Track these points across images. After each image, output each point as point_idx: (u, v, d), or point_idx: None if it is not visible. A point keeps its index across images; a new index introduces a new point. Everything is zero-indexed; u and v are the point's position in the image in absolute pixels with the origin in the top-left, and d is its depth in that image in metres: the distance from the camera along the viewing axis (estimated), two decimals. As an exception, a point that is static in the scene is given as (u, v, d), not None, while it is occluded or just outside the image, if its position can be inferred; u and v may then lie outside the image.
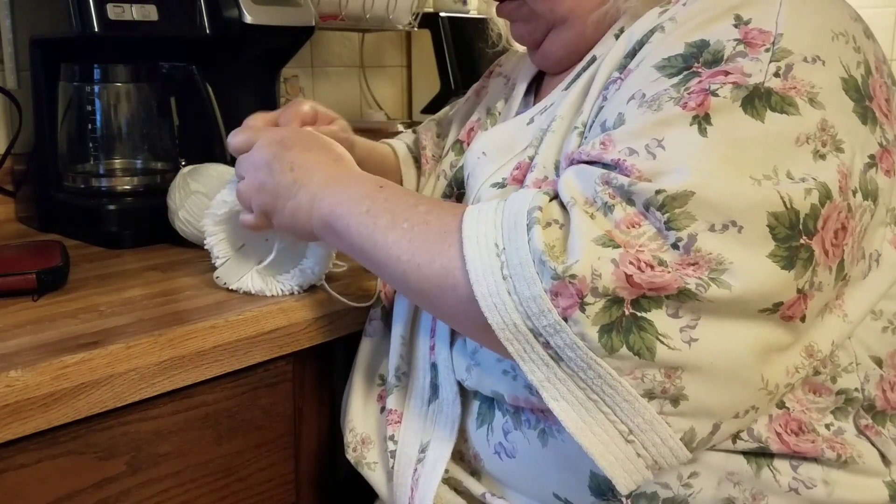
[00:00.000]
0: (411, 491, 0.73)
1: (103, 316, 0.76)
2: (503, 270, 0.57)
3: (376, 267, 0.68)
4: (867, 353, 0.66)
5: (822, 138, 0.58)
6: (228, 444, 0.81)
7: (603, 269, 0.54)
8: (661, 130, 0.58)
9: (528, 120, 0.77)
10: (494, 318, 0.57)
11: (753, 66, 0.59)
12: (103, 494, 0.72)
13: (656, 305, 0.54)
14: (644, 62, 0.64)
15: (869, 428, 0.66)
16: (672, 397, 0.55)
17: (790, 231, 0.55)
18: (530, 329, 0.56)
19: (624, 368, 0.55)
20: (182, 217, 0.98)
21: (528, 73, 0.89)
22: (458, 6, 1.78)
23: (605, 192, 0.57)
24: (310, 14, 1.18)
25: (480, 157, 0.76)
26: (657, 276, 0.54)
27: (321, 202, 0.72)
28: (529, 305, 0.56)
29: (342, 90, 1.71)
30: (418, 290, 0.64)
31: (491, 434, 0.72)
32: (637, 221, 0.56)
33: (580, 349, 0.55)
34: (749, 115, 0.57)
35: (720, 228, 0.54)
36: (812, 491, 0.64)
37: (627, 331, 0.54)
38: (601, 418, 0.56)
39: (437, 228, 0.63)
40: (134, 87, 1.10)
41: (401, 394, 0.79)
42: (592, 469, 0.65)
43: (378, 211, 0.67)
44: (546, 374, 0.57)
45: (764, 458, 0.64)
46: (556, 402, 0.57)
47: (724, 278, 0.54)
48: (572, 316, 0.54)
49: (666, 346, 0.54)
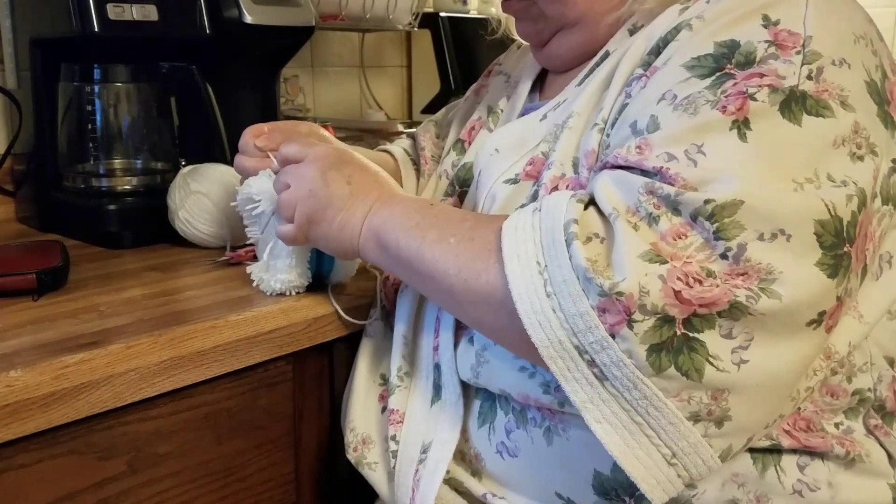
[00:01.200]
0: (412, 491, 0.73)
1: (103, 316, 0.76)
2: (546, 288, 0.57)
3: (422, 280, 0.68)
4: (882, 353, 0.66)
5: (856, 140, 0.58)
6: (228, 444, 0.81)
7: (651, 286, 0.53)
8: (701, 135, 0.57)
9: (541, 116, 0.77)
10: (539, 336, 0.57)
11: (787, 68, 0.58)
12: (103, 494, 0.72)
13: (709, 325, 0.53)
14: (672, 60, 0.63)
15: (878, 428, 0.66)
16: (717, 419, 0.55)
17: (836, 239, 0.55)
18: (576, 346, 0.56)
19: (671, 389, 0.54)
20: (182, 217, 0.98)
21: (531, 70, 0.88)
22: (458, 6, 1.78)
23: (650, 201, 0.56)
24: (310, 14, 1.18)
25: (493, 154, 0.76)
26: (706, 290, 0.53)
27: (374, 216, 0.72)
28: (576, 322, 0.55)
29: (342, 90, 1.71)
30: (467, 303, 0.64)
31: (493, 433, 0.72)
32: (684, 232, 0.55)
33: (626, 367, 0.54)
34: (787, 119, 0.57)
35: (769, 237, 0.54)
36: (816, 494, 0.64)
37: (678, 351, 0.53)
38: (645, 442, 0.56)
39: (481, 245, 0.63)
40: (134, 87, 1.10)
41: (403, 394, 0.78)
42: (596, 468, 0.65)
43: (427, 225, 0.68)
44: (589, 395, 0.56)
45: (771, 458, 0.64)
46: (598, 425, 0.56)
47: (773, 288, 0.53)
48: (620, 332, 0.54)
49: (714, 368, 0.54)
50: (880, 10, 1.95)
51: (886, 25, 1.98)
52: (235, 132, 0.92)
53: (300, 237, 0.76)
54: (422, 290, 0.72)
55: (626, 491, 0.64)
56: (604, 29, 0.76)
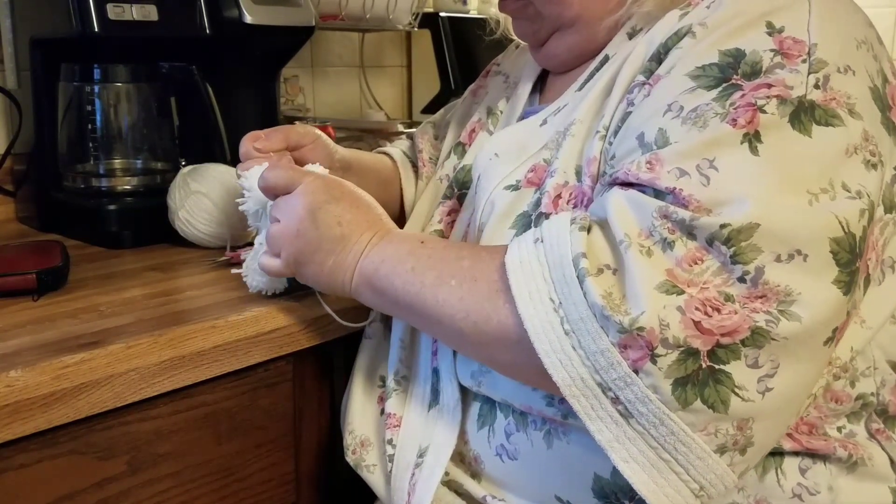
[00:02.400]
0: (408, 495, 0.73)
1: (103, 316, 0.76)
2: (564, 325, 0.56)
3: (428, 324, 0.68)
4: (884, 357, 0.66)
5: (868, 148, 0.58)
6: (228, 444, 0.81)
7: (670, 319, 0.52)
8: (712, 150, 0.57)
9: (541, 121, 0.76)
10: (560, 375, 0.56)
11: (794, 78, 0.58)
12: (103, 494, 0.72)
13: (735, 356, 0.53)
14: (676, 69, 0.63)
15: (880, 432, 0.66)
16: (741, 448, 0.55)
17: (850, 255, 0.55)
18: (598, 384, 0.55)
19: (697, 424, 0.54)
20: (182, 217, 0.98)
21: (531, 71, 0.87)
22: (458, 6, 1.78)
23: (664, 226, 0.56)
24: (310, 14, 1.18)
25: (493, 159, 0.75)
26: (726, 318, 0.52)
27: (365, 261, 0.71)
28: (597, 359, 0.55)
29: (342, 90, 1.71)
30: (479, 344, 0.63)
31: (492, 436, 0.72)
32: (700, 257, 0.54)
33: (652, 403, 0.53)
34: (798, 130, 0.56)
35: (786, 258, 0.53)
36: (816, 497, 0.64)
37: (703, 384, 0.53)
38: (674, 479, 0.55)
39: (486, 286, 0.62)
40: (134, 87, 1.10)
41: (400, 398, 0.78)
42: (596, 471, 0.65)
43: (422, 269, 0.66)
44: (615, 434, 0.56)
45: (772, 461, 0.64)
46: (625, 464, 0.56)
47: (793, 310, 0.53)
48: (643, 368, 0.53)
49: (740, 399, 0.53)
50: (880, 10, 1.95)
51: (886, 26, 1.98)
52: (235, 132, 0.92)
53: (287, 273, 0.76)
54: (428, 332, 0.71)
55: (626, 495, 0.64)
56: (602, 31, 0.75)
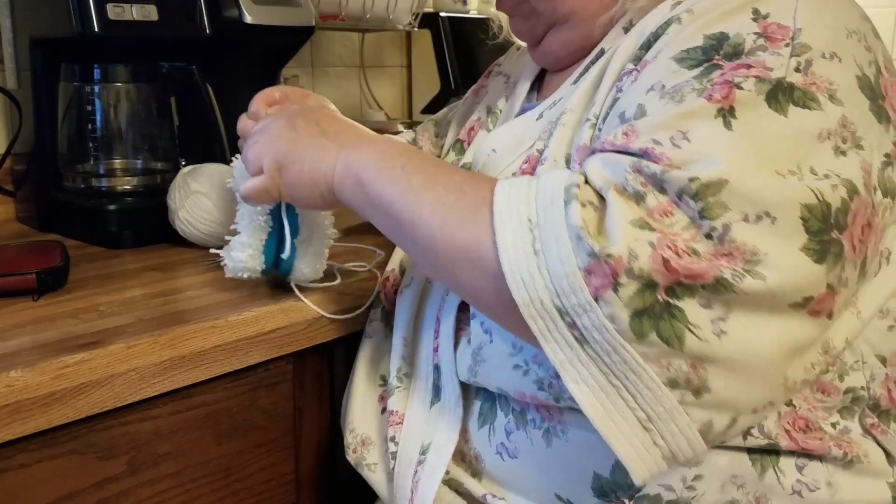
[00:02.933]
0: (411, 493, 0.73)
1: (103, 316, 0.76)
2: (535, 245, 0.56)
3: (400, 227, 0.66)
4: (873, 351, 0.66)
5: (842, 135, 0.58)
6: (228, 444, 0.81)
7: (640, 251, 0.53)
8: (686, 122, 0.57)
9: (537, 115, 0.77)
10: (521, 294, 0.56)
11: (775, 60, 0.59)
12: (103, 494, 0.72)
13: (689, 294, 0.53)
14: (662, 53, 0.64)
15: (875, 427, 0.66)
16: (695, 388, 0.55)
17: (822, 224, 0.55)
18: (557, 307, 0.55)
19: (650, 355, 0.54)
20: (182, 217, 0.98)
21: (530, 70, 0.88)
22: (458, 6, 1.78)
23: (637, 180, 0.56)
24: (310, 14, 1.18)
25: (491, 154, 0.76)
26: (694, 262, 0.53)
27: (350, 154, 0.69)
28: (560, 283, 0.55)
29: (342, 90, 1.71)
30: (444, 255, 0.62)
31: (493, 434, 0.72)
32: (670, 210, 0.55)
33: (608, 332, 0.54)
34: (773, 109, 0.57)
35: (754, 219, 0.54)
36: (815, 494, 0.64)
37: (659, 317, 0.53)
38: (621, 405, 0.56)
39: (473, 198, 0.62)
40: (134, 87, 1.10)
41: (402, 395, 0.78)
42: (596, 470, 0.65)
43: (414, 170, 0.66)
44: (568, 356, 0.56)
45: (769, 459, 0.64)
46: (576, 385, 0.56)
47: (758, 269, 0.53)
48: (604, 296, 0.53)
49: (695, 337, 0.53)
50: (880, 10, 1.95)
51: (886, 25, 1.98)
52: (235, 132, 0.92)
53: (271, 186, 0.73)
54: (396, 237, 0.69)
55: (626, 493, 0.64)
56: (597, 28, 0.76)
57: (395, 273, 0.86)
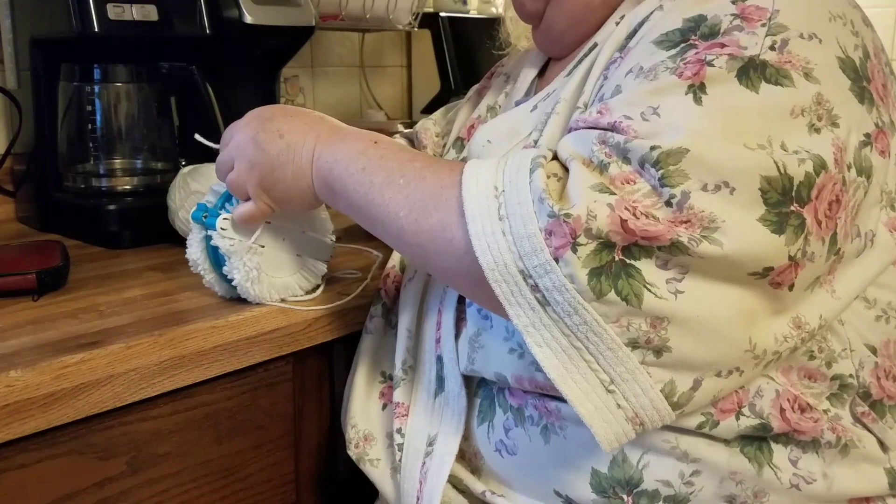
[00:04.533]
0: (420, 484, 0.73)
1: (103, 316, 0.76)
2: (500, 211, 0.58)
3: (373, 224, 0.69)
4: (861, 340, 0.66)
5: (817, 112, 0.59)
6: (228, 444, 0.81)
7: (598, 211, 0.54)
8: (657, 98, 0.59)
9: (531, 107, 0.78)
10: (486, 258, 0.57)
11: (749, 39, 0.59)
12: (103, 494, 0.72)
13: (646, 255, 0.54)
14: (643, 39, 0.65)
15: (866, 415, 0.66)
16: (655, 348, 0.56)
17: (781, 197, 0.55)
18: (520, 270, 0.56)
19: (610, 314, 0.55)
20: (182, 217, 0.98)
21: (529, 68, 0.89)
22: (458, 6, 1.78)
23: (602, 150, 0.58)
24: (310, 14, 1.18)
25: (485, 145, 0.77)
26: (651, 224, 0.54)
27: (318, 161, 0.72)
28: (523, 244, 0.56)
29: (342, 90, 1.71)
30: (415, 244, 0.64)
31: (492, 431, 0.72)
32: (632, 178, 0.56)
33: (568, 292, 0.55)
34: (744, 85, 0.58)
35: (712, 188, 0.55)
36: (812, 486, 0.64)
37: (616, 276, 0.54)
38: (583, 366, 0.56)
39: (434, 183, 0.63)
40: (134, 87, 1.10)
41: (408, 387, 0.79)
42: (594, 466, 0.66)
43: (374, 168, 0.68)
44: (531, 319, 0.57)
45: (764, 456, 0.64)
46: (539, 348, 0.57)
47: (715, 236, 0.54)
48: (563, 256, 0.54)
49: (653, 295, 0.54)
50: (880, 10, 1.95)
51: (886, 25, 1.98)
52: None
53: (264, 207, 0.76)
54: (376, 234, 0.71)
55: (624, 489, 0.65)
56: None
57: (396, 270, 0.86)
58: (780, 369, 0.64)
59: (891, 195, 0.65)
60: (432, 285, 0.80)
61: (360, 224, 0.71)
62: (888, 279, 0.66)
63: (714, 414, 0.62)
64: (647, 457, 0.64)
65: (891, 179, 0.65)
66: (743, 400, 0.63)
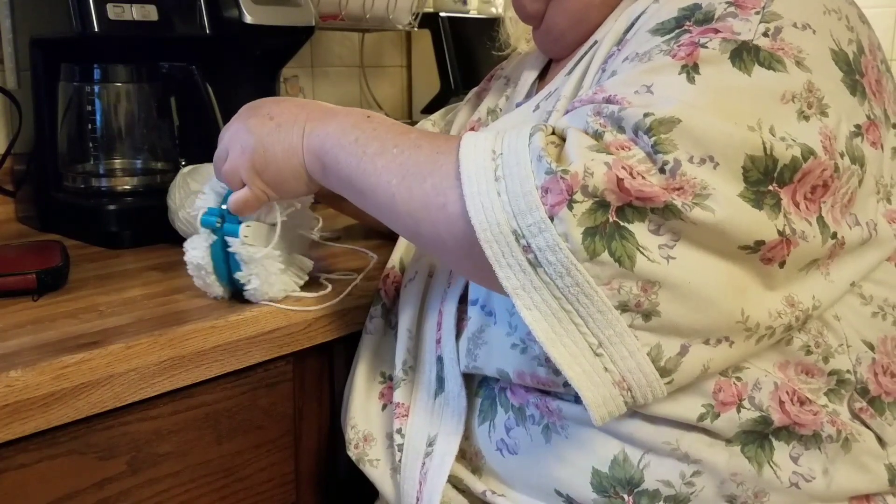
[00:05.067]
0: (419, 485, 0.73)
1: (103, 316, 0.76)
2: (497, 172, 0.58)
3: (364, 196, 0.68)
4: (858, 336, 0.66)
5: (808, 99, 0.59)
6: (228, 444, 0.81)
7: (595, 169, 0.54)
8: (650, 77, 0.59)
9: (533, 106, 0.78)
10: (479, 218, 0.57)
11: (743, 25, 0.60)
12: (103, 494, 0.72)
13: (639, 218, 0.55)
14: (640, 30, 0.66)
15: (864, 411, 0.66)
16: (644, 312, 0.56)
17: (762, 176, 0.56)
18: (513, 230, 0.56)
19: (602, 276, 0.55)
20: (182, 217, 0.98)
21: (530, 69, 0.89)
22: (458, 6, 1.78)
23: (597, 121, 0.58)
24: (310, 14, 1.18)
25: None
26: (647, 185, 0.54)
27: (310, 137, 0.72)
28: (518, 202, 0.56)
29: (342, 90, 1.71)
30: (406, 212, 0.64)
31: (493, 431, 0.72)
32: (627, 145, 0.56)
33: (561, 251, 0.55)
34: (737, 67, 0.59)
35: (698, 161, 0.55)
36: (812, 484, 0.64)
37: (610, 237, 0.54)
38: (572, 329, 0.56)
39: (430, 150, 0.64)
40: (134, 87, 1.10)
41: (408, 387, 0.79)
42: (595, 465, 0.66)
43: (367, 139, 0.68)
44: (521, 281, 0.57)
45: (764, 455, 0.64)
46: (528, 311, 0.57)
47: (707, 203, 0.55)
48: (559, 214, 0.54)
49: (646, 258, 0.55)
50: (880, 10, 1.95)
51: (886, 25, 1.98)
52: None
53: (258, 192, 0.75)
54: (366, 208, 0.71)
55: (625, 488, 0.65)
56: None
57: (396, 270, 0.86)
58: (777, 365, 0.64)
59: (886, 188, 0.66)
60: (433, 286, 0.80)
61: (352, 199, 0.71)
62: (885, 276, 0.67)
63: (714, 406, 0.62)
64: (647, 457, 0.64)
65: (886, 172, 0.65)
66: (742, 392, 0.63)
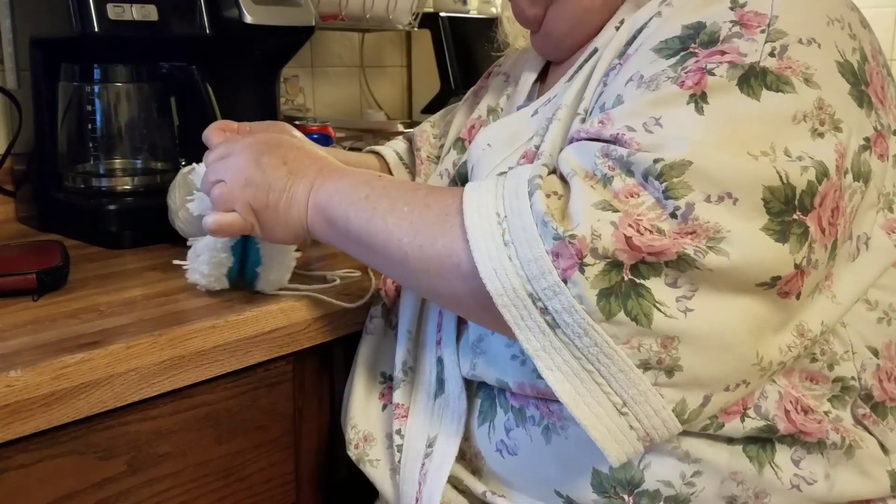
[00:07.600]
0: (419, 485, 0.73)
1: (103, 316, 0.76)
2: (504, 237, 0.58)
3: (374, 252, 0.68)
4: (863, 342, 0.66)
5: (819, 117, 0.59)
6: (228, 444, 0.81)
7: (603, 231, 0.54)
8: (659, 109, 0.59)
9: (532, 112, 0.78)
10: (493, 284, 0.57)
11: (749, 46, 0.59)
12: (103, 494, 0.72)
13: (655, 273, 0.54)
14: (642, 46, 0.65)
15: (867, 417, 0.66)
16: (667, 368, 0.55)
17: (784, 206, 0.56)
18: (529, 294, 0.56)
19: (620, 336, 0.55)
20: (182, 217, 0.98)
21: (530, 71, 0.89)
22: (458, 6, 1.78)
23: (605, 164, 0.58)
24: (310, 14, 1.18)
25: (485, 149, 0.77)
26: (656, 239, 0.54)
27: (318, 192, 0.72)
28: (530, 268, 0.56)
29: (342, 90, 1.71)
30: (420, 270, 0.64)
31: (493, 432, 0.72)
32: (636, 192, 0.56)
33: (577, 313, 0.55)
34: (745, 93, 0.58)
35: (716, 200, 0.55)
36: (813, 487, 0.64)
37: (626, 296, 0.54)
38: (595, 389, 0.56)
39: (439, 211, 0.64)
40: (134, 87, 1.10)
41: (407, 388, 0.79)
42: (595, 466, 0.66)
43: (377, 196, 0.68)
44: (542, 343, 0.57)
45: (766, 455, 0.64)
46: (550, 372, 0.57)
47: (721, 246, 0.54)
48: (571, 277, 0.54)
49: (663, 315, 0.54)
50: (880, 10, 1.95)
51: (886, 25, 1.98)
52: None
53: (248, 227, 0.75)
54: (373, 263, 0.71)
55: (625, 489, 0.65)
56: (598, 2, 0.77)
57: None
58: (783, 372, 0.64)
59: (888, 197, 0.65)
60: None
61: (355, 253, 0.71)
62: (889, 281, 0.66)
63: (718, 416, 0.62)
64: (648, 457, 0.64)
65: (888, 182, 0.65)
66: (748, 402, 0.63)
